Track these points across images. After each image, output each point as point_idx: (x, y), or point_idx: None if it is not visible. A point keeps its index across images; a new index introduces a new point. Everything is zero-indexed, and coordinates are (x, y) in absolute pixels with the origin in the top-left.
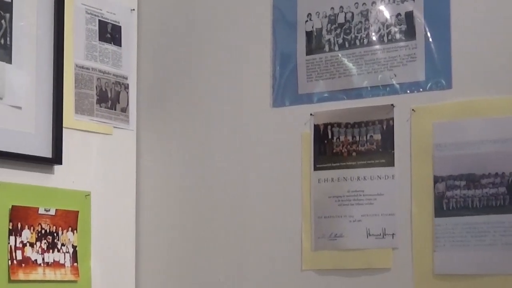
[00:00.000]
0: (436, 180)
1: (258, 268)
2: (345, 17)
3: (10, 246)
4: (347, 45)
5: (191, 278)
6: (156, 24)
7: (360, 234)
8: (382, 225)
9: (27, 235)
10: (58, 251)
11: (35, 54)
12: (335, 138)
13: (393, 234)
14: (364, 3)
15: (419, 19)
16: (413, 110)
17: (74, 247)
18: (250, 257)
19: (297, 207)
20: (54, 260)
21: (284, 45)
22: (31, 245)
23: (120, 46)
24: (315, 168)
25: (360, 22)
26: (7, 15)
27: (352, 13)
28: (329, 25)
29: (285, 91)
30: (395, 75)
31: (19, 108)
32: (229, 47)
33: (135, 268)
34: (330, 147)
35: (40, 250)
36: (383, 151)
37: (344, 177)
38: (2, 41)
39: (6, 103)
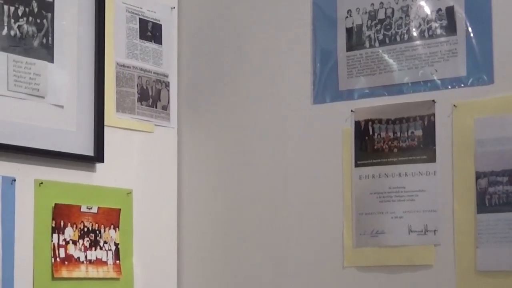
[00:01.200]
0: (478, 176)
1: (300, 265)
2: (385, 13)
3: (53, 244)
4: (387, 41)
5: (233, 275)
6: (196, 21)
7: (401, 231)
8: (424, 222)
9: (69, 233)
10: (101, 248)
11: (76, 53)
12: (376, 134)
13: (435, 230)
14: None
15: (460, 14)
16: (454, 105)
17: (116, 244)
18: (292, 254)
19: (338, 204)
20: (96, 258)
21: (324, 41)
22: (74, 242)
23: (161, 44)
24: (356, 165)
25: (401, 17)
26: (49, 14)
27: (393, 9)
28: (370, 21)
29: (326, 87)
30: (436, 71)
31: (61, 107)
32: (269, 44)
33: (176, 265)
34: (371, 143)
35: (82, 247)
36: (424, 147)
37: (385, 174)
38: (44, 41)
39: (48, 102)
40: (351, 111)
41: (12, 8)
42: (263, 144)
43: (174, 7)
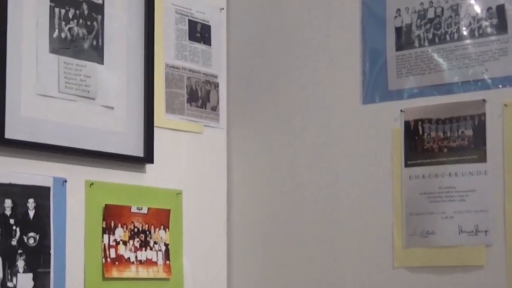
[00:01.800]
0: None
1: (350, 266)
2: (435, 12)
3: (104, 244)
4: (437, 40)
5: (283, 275)
6: (245, 22)
7: (452, 231)
8: (475, 222)
9: (120, 233)
10: (151, 249)
11: (126, 54)
12: (425, 134)
13: (486, 231)
14: None
15: (511, 12)
16: (505, 105)
17: (166, 245)
18: (342, 255)
19: (388, 204)
20: (146, 258)
21: (373, 41)
22: (124, 243)
23: (210, 45)
24: (406, 165)
25: (450, 16)
26: (99, 16)
27: (442, 8)
28: (419, 20)
29: (375, 87)
30: (487, 70)
31: (111, 108)
32: (318, 44)
33: (226, 265)
34: (421, 143)
35: (133, 248)
36: (474, 147)
37: (435, 174)
38: (94, 43)
39: (98, 104)
40: (401, 111)
41: (63, 11)
42: (312, 145)
43: (223, 8)
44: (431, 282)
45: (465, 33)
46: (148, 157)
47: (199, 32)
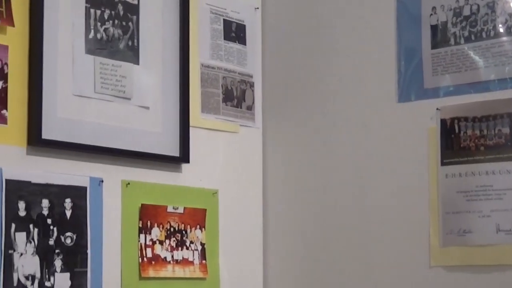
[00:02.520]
0: None
1: (386, 265)
2: (470, 9)
3: (140, 244)
4: (473, 37)
5: (319, 274)
6: (280, 21)
7: (489, 230)
8: None
9: (156, 233)
10: (187, 248)
11: (161, 54)
12: (462, 132)
13: None
14: None
15: None
16: None
17: (202, 244)
18: (377, 254)
19: (424, 203)
20: (183, 258)
21: (409, 39)
22: (161, 242)
23: (245, 44)
24: (442, 163)
25: (486, 14)
26: (134, 17)
27: (478, 5)
28: (455, 18)
29: (411, 85)
30: None
31: (147, 108)
32: (353, 43)
33: (262, 264)
34: (457, 141)
35: (169, 247)
36: None
37: (472, 172)
38: (130, 43)
39: (134, 104)
40: (437, 109)
41: (98, 12)
42: (348, 143)
43: (257, 8)
44: (468, 282)
45: (501, 30)
46: (184, 156)
47: (234, 32)
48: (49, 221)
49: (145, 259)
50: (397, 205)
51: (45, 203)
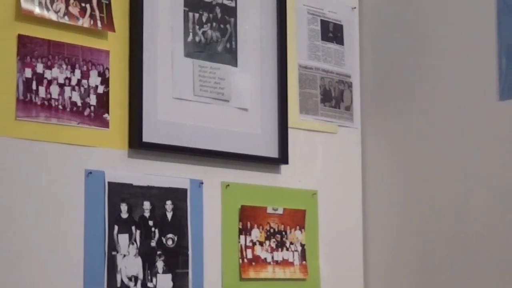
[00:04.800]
0: None
1: (485, 267)
2: None
3: (241, 245)
4: None
5: (420, 275)
6: (377, 20)
7: None
8: None
9: (256, 234)
10: (287, 249)
11: (259, 56)
12: None
13: None
14: None
15: None
16: None
17: (302, 245)
18: (477, 255)
19: None
20: (283, 259)
21: (510, 36)
22: (261, 244)
23: (343, 44)
24: None
25: None
26: (232, 19)
27: None
28: None
29: None
30: None
31: (246, 110)
32: (452, 41)
33: (363, 266)
34: None
35: (269, 248)
36: None
37: None
38: (228, 45)
39: (233, 106)
40: None
41: (196, 15)
42: (447, 143)
43: (355, 7)
44: None
45: None
46: (283, 158)
47: (332, 32)
48: (150, 223)
49: (245, 260)
50: (496, 206)
51: (146, 205)
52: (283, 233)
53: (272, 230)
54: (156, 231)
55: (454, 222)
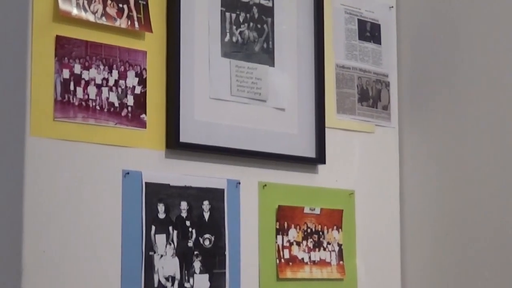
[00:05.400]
0: None
1: None
2: None
3: (278, 245)
4: None
5: (457, 275)
6: (415, 20)
7: None
8: None
9: (293, 234)
10: (324, 249)
11: (296, 56)
12: None
13: None
14: None
15: None
16: None
17: (339, 245)
18: None
19: None
20: (320, 259)
21: None
22: (298, 244)
23: (380, 44)
24: None
25: None
26: (269, 19)
27: None
28: None
29: None
30: None
31: (283, 110)
32: (491, 39)
33: (400, 266)
34: None
35: (306, 249)
36: None
37: None
38: (265, 45)
39: (270, 106)
40: None
41: (233, 15)
42: (485, 143)
43: (392, 6)
44: None
45: None
46: (320, 157)
47: (369, 31)
48: (187, 223)
49: (282, 260)
50: None
51: (183, 205)
52: (320, 233)
53: (309, 230)
54: (193, 231)
55: (492, 222)
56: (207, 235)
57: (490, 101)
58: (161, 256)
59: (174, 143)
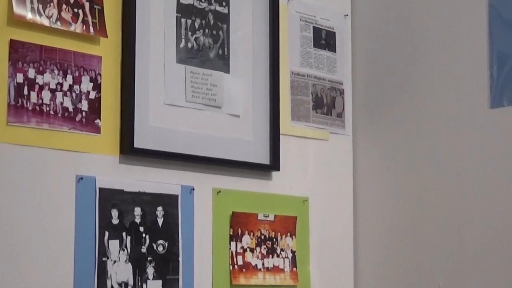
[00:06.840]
0: None
1: (478, 270)
2: None
3: (231, 252)
4: None
5: (410, 283)
6: (370, 28)
7: None
8: None
9: (247, 240)
10: (278, 256)
11: (251, 63)
12: None
13: None
14: None
15: None
16: None
17: (293, 252)
18: (469, 260)
19: None
20: (273, 265)
21: (502, 44)
22: (251, 250)
23: (335, 51)
24: None
25: None
26: (225, 26)
27: None
28: None
29: (504, 91)
30: None
31: (237, 116)
32: (444, 49)
33: (353, 273)
34: None
35: (260, 255)
36: None
37: None
38: (220, 52)
39: (225, 112)
40: None
41: (189, 21)
42: (439, 150)
43: (347, 14)
44: None
45: None
46: (274, 164)
47: (324, 39)
48: (141, 229)
49: (236, 266)
50: (489, 212)
51: (137, 211)
52: (274, 239)
53: (263, 237)
54: (147, 237)
55: (446, 229)
56: (160, 241)
57: (442, 109)
58: (114, 261)
59: (128, 149)
